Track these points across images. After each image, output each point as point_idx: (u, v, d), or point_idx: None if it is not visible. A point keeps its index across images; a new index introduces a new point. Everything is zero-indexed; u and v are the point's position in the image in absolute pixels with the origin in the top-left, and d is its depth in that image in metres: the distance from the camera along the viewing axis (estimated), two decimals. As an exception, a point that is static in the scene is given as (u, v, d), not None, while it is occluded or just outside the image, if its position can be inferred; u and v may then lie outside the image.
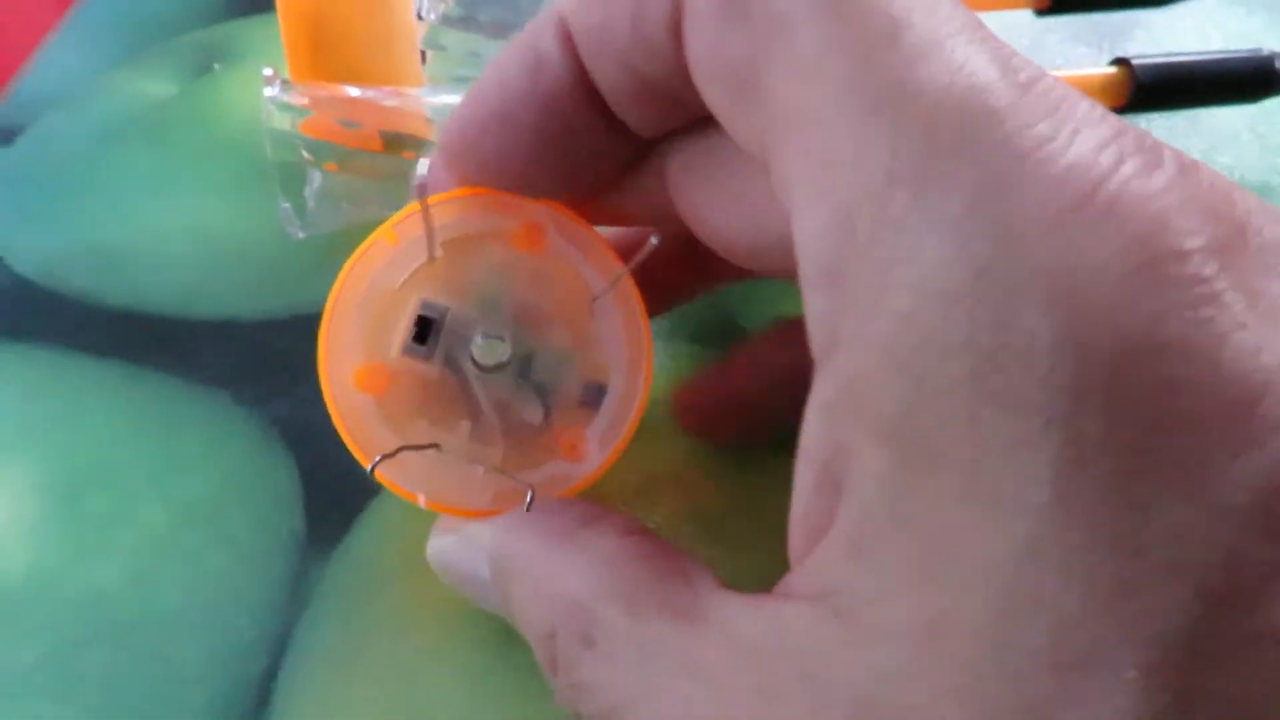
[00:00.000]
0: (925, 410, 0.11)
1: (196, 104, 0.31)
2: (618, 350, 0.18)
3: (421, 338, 0.17)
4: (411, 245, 0.17)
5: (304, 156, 0.25)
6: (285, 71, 0.26)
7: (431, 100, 0.26)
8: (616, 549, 0.15)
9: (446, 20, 0.30)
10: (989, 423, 0.11)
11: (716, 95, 0.14)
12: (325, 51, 0.26)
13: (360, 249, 0.17)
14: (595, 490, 0.18)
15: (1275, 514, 0.10)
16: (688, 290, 0.22)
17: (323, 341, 0.17)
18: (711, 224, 0.17)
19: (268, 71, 0.24)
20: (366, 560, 0.21)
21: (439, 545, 0.18)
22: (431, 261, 0.17)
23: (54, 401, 0.24)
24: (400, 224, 0.17)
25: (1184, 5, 0.36)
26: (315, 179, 0.26)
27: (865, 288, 0.12)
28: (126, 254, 0.27)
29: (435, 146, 0.18)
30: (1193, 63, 0.27)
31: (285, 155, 0.25)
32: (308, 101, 0.25)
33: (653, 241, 0.16)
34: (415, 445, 0.17)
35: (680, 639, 0.13)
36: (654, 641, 0.14)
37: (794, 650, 0.12)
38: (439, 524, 0.18)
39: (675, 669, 0.13)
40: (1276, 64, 0.27)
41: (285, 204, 0.25)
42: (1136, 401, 0.10)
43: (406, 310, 0.17)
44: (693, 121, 0.16)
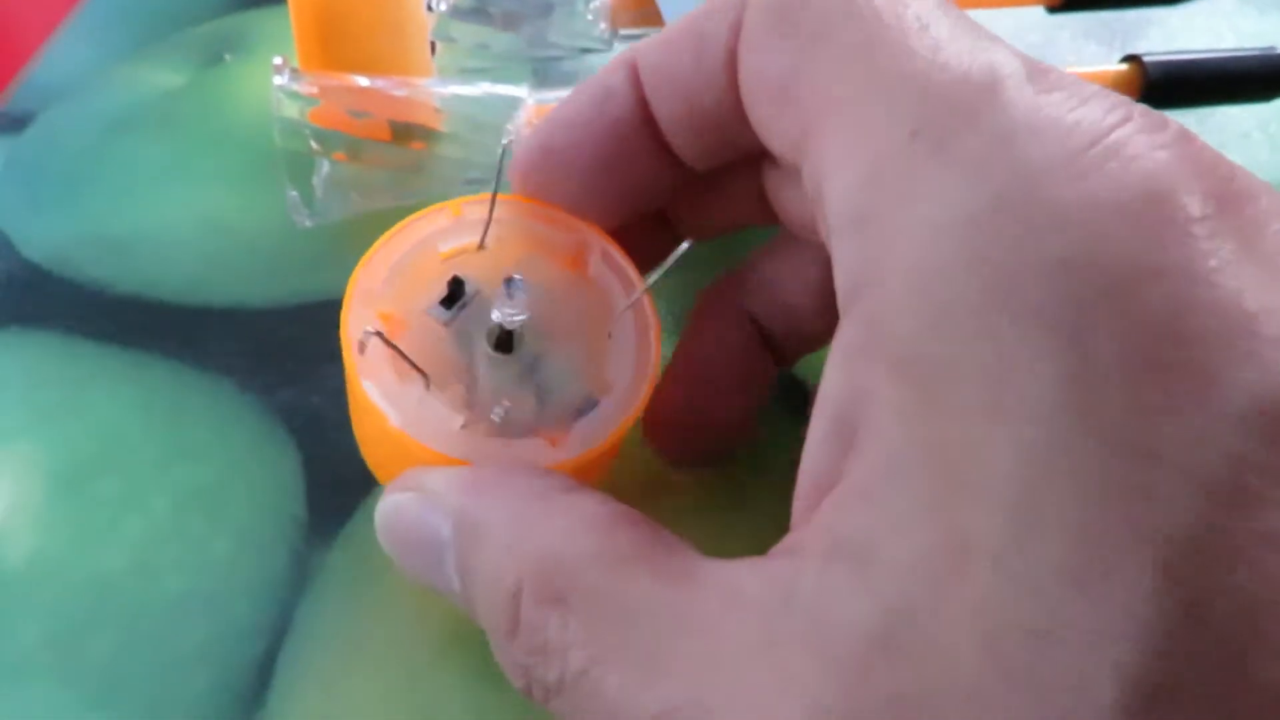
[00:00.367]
0: (945, 331, 0.12)
1: (207, 94, 0.32)
2: (625, 368, 0.18)
3: (448, 304, 0.18)
4: (469, 226, 0.18)
5: (312, 146, 0.25)
6: (295, 61, 0.26)
7: (440, 91, 0.26)
8: (598, 513, 0.15)
9: (456, 12, 0.30)
10: (1005, 336, 0.11)
11: (761, 106, 0.15)
12: (335, 41, 0.26)
13: (423, 211, 0.18)
14: None
15: (1276, 421, 0.10)
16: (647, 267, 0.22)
17: (355, 277, 0.18)
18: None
19: (277, 60, 0.24)
20: (367, 546, 0.21)
21: (393, 503, 0.17)
22: (480, 249, 0.18)
23: (62, 387, 0.24)
24: (468, 204, 0.19)
25: (1198, 4, 0.36)
26: (324, 168, 0.26)
27: (891, 227, 0.13)
28: (135, 242, 0.27)
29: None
30: (1204, 61, 0.27)
31: (293, 144, 0.25)
32: (316, 90, 0.25)
33: (685, 246, 0.17)
34: (406, 357, 0.17)
35: (671, 596, 0.13)
36: (640, 599, 0.13)
37: (802, 602, 0.12)
38: (394, 484, 0.17)
39: (666, 626, 0.13)
40: (1288, 62, 0.27)
41: (292, 192, 0.25)
42: (1145, 316, 0.11)
43: (442, 277, 0.18)
44: (739, 156, 0.18)
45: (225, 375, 0.24)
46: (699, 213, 0.21)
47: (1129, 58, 0.27)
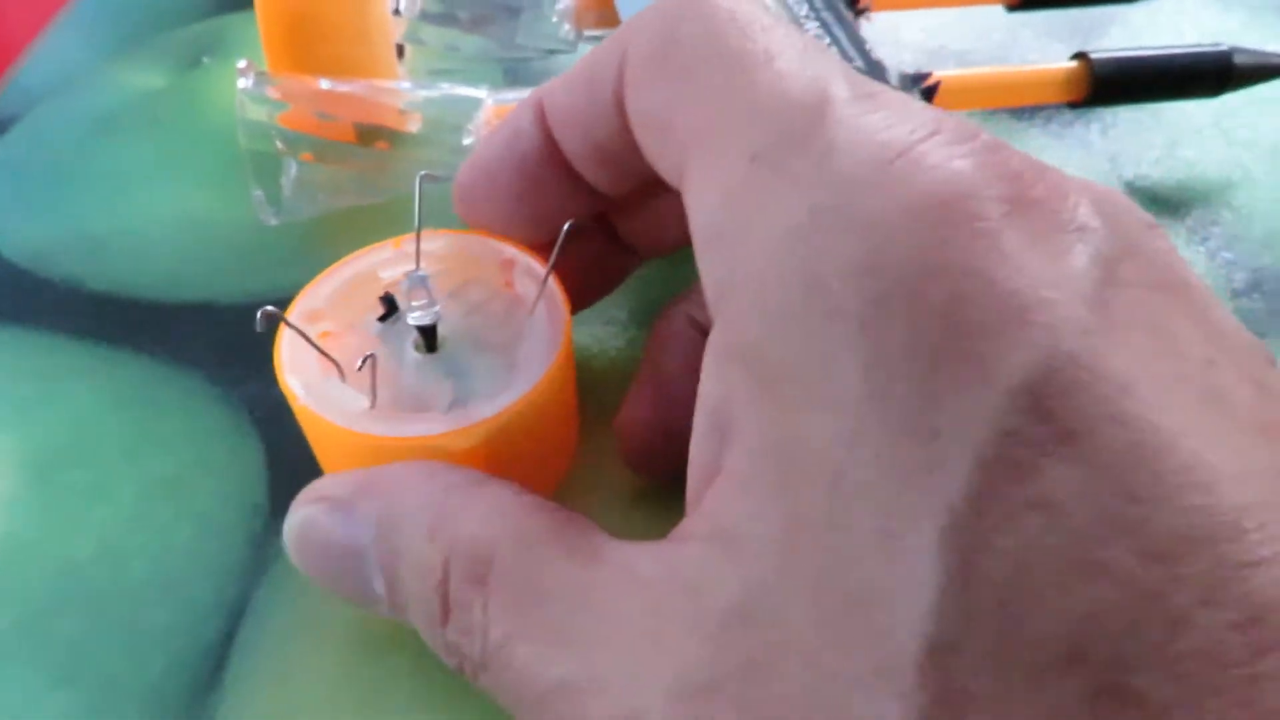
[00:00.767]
0: (779, 334, 0.13)
1: (185, 96, 0.32)
2: (536, 357, 0.19)
3: (382, 318, 0.20)
4: (408, 257, 0.21)
5: (278, 146, 0.26)
6: (264, 65, 0.27)
7: (404, 93, 0.27)
8: (514, 500, 0.16)
9: (425, 15, 0.31)
10: (821, 335, 0.13)
11: (648, 140, 0.17)
12: (301, 45, 0.27)
13: (366, 248, 0.21)
14: None
15: (1044, 399, 0.11)
16: (611, 284, 0.24)
17: (299, 297, 0.20)
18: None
19: (241, 63, 0.25)
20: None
21: (302, 518, 0.17)
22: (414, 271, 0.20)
23: (36, 382, 0.24)
24: (404, 240, 0.21)
25: (1160, 2, 0.36)
26: (292, 168, 0.26)
27: (738, 243, 0.14)
28: (112, 240, 0.28)
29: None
30: (1150, 57, 0.27)
31: (259, 145, 0.26)
32: (281, 93, 0.25)
33: (567, 227, 0.19)
34: (314, 343, 0.18)
35: (579, 575, 0.14)
36: (550, 577, 0.14)
37: (683, 581, 0.13)
38: (302, 496, 0.17)
39: (572, 604, 0.14)
40: (1234, 59, 0.27)
41: (258, 192, 0.26)
42: (929, 310, 0.12)
43: (378, 294, 0.20)
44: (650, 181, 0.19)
45: (195, 369, 0.25)
46: (647, 232, 0.23)
47: (1077, 55, 0.28)
